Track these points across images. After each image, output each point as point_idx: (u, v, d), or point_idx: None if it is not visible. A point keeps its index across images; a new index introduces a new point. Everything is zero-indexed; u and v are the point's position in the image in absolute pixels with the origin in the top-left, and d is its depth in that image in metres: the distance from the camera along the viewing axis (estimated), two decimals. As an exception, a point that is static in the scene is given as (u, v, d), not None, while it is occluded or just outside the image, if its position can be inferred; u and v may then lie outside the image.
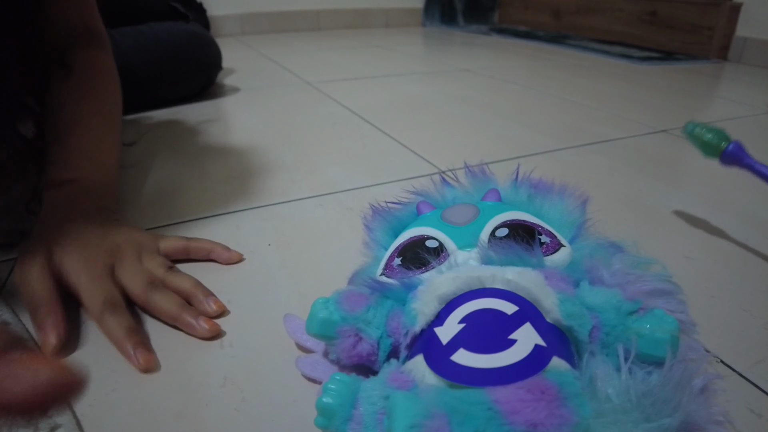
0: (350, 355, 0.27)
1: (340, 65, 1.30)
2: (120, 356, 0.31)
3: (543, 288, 0.25)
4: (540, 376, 0.20)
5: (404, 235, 0.33)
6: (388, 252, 0.33)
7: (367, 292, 0.29)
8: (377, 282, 0.30)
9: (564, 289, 0.26)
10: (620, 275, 0.28)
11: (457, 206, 0.34)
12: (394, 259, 0.31)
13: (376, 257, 0.35)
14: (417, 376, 0.23)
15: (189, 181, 0.57)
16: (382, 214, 0.38)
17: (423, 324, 0.25)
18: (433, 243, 0.31)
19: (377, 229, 0.37)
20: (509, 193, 0.37)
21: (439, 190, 0.40)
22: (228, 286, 0.38)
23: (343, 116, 0.83)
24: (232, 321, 0.35)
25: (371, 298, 0.29)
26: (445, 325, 0.24)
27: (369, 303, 0.28)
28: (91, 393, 0.29)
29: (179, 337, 0.33)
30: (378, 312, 0.28)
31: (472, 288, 0.26)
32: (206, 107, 0.90)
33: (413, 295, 0.27)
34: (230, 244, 0.43)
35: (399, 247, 0.32)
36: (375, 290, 0.29)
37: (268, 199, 0.53)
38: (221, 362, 0.31)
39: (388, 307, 0.28)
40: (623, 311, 0.25)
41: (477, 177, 0.40)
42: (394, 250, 0.32)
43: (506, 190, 0.38)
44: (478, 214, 0.32)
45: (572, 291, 0.26)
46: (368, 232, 0.38)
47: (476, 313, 0.24)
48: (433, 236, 0.31)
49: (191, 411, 0.28)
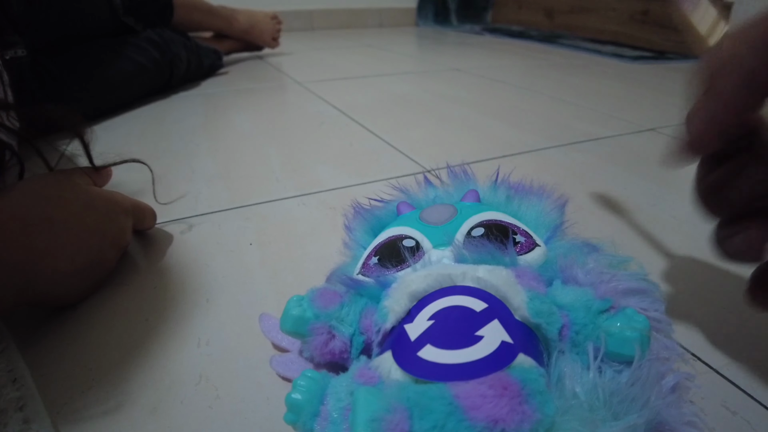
0: (323, 353, 0.27)
1: (331, 65, 1.31)
2: (96, 354, 0.32)
3: (512, 286, 0.25)
4: (504, 373, 0.20)
5: (383, 234, 0.33)
6: (366, 251, 0.33)
7: (341, 289, 0.29)
8: (351, 280, 0.30)
9: (535, 287, 0.26)
10: (594, 274, 0.28)
11: (435, 206, 0.34)
12: (371, 258, 0.31)
13: (356, 256, 0.35)
14: (383, 372, 0.23)
15: (172, 181, 0.57)
16: (362, 214, 0.38)
17: (393, 321, 0.25)
18: (410, 242, 0.31)
19: (357, 229, 0.37)
20: (488, 193, 0.38)
21: (420, 190, 0.41)
22: (206, 285, 0.38)
23: (332, 116, 0.84)
24: (210, 319, 0.35)
25: (345, 295, 0.29)
26: (414, 321, 0.24)
27: (343, 301, 0.28)
28: (66, 391, 0.29)
29: (155, 334, 0.33)
30: (351, 310, 0.28)
31: (443, 285, 0.26)
32: (194, 106, 0.90)
33: (386, 292, 0.27)
34: (211, 243, 0.44)
35: (377, 246, 0.32)
36: (349, 288, 0.29)
37: (252, 199, 0.53)
38: (197, 360, 0.31)
39: (362, 304, 0.28)
40: (594, 310, 0.25)
41: (458, 177, 0.41)
42: (372, 249, 0.32)
43: (485, 190, 0.38)
44: (456, 214, 0.32)
45: (543, 289, 0.26)
46: (348, 233, 0.38)
47: (445, 310, 0.24)
48: (410, 236, 0.32)
49: (165, 408, 0.28)
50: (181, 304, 0.36)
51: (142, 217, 0.43)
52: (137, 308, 0.36)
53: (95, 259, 0.36)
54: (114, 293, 0.37)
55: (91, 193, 0.37)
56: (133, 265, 0.41)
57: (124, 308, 0.36)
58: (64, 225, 0.33)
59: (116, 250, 0.38)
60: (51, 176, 0.36)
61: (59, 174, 0.37)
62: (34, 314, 0.35)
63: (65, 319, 0.35)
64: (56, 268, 0.33)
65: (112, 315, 0.35)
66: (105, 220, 0.37)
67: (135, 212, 0.42)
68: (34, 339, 0.33)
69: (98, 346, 0.32)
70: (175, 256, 0.42)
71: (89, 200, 0.36)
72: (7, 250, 0.30)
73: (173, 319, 0.35)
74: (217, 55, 1.18)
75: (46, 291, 0.33)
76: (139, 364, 0.31)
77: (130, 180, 0.54)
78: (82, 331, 0.34)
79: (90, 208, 0.36)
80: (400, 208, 0.37)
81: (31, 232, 0.31)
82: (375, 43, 1.71)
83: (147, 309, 0.36)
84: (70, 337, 0.33)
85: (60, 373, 0.30)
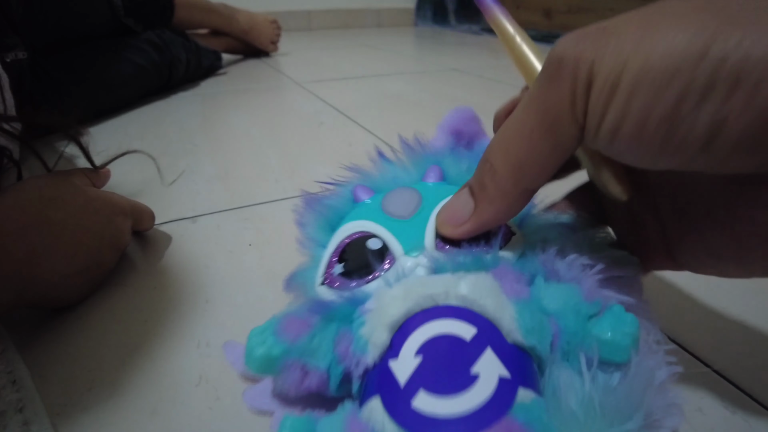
0: (298, 390, 0.24)
1: (329, 65, 1.31)
2: (96, 355, 0.31)
3: (500, 303, 0.23)
4: (508, 418, 0.19)
5: (342, 230, 0.29)
6: (327, 253, 0.29)
7: (307, 316, 0.25)
8: (317, 304, 0.25)
9: (519, 292, 0.23)
10: (576, 267, 0.25)
11: (396, 193, 0.30)
12: (334, 266, 0.27)
13: (315, 258, 0.30)
14: (376, 426, 0.21)
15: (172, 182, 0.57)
16: (314, 206, 0.33)
17: (375, 356, 0.22)
18: (376, 243, 0.27)
19: (311, 225, 0.32)
20: (450, 165, 0.33)
21: (377, 168, 0.35)
22: (205, 286, 0.38)
23: (330, 116, 0.84)
24: (209, 320, 0.35)
25: (313, 321, 0.25)
26: (400, 357, 0.21)
27: (311, 329, 0.24)
28: (66, 393, 0.29)
29: (154, 335, 0.33)
30: (323, 338, 0.24)
31: (424, 308, 0.23)
32: (192, 107, 0.90)
33: (360, 312, 0.24)
34: (210, 244, 0.44)
35: (338, 248, 0.28)
36: (316, 313, 0.25)
37: (251, 199, 0.53)
38: (197, 361, 0.31)
39: (333, 329, 0.24)
40: (583, 314, 0.23)
41: (414, 152, 0.35)
42: (333, 252, 0.28)
43: (446, 162, 0.33)
44: (421, 203, 0.29)
45: (527, 292, 0.24)
46: (301, 229, 0.32)
47: (433, 341, 0.22)
48: (374, 233, 0.28)
49: (165, 409, 0.28)
50: (181, 305, 0.36)
51: (141, 218, 0.43)
52: (136, 309, 0.36)
53: (93, 260, 0.36)
54: (113, 294, 0.37)
55: (89, 195, 0.37)
56: (132, 266, 0.41)
57: (124, 309, 0.36)
58: (62, 226, 0.33)
59: (115, 252, 0.38)
60: (49, 177, 0.36)
61: (57, 175, 0.37)
62: (34, 316, 0.35)
63: (64, 321, 0.35)
64: (54, 269, 0.33)
65: (111, 316, 0.35)
66: (103, 221, 0.37)
67: (133, 213, 0.42)
68: (33, 340, 0.33)
69: (98, 348, 0.32)
70: (174, 257, 0.42)
71: (87, 201, 0.36)
72: (4, 252, 0.30)
73: (172, 320, 0.35)
74: (216, 55, 1.18)
75: (45, 292, 0.33)
76: (138, 365, 0.31)
77: (128, 181, 0.54)
78: (82, 333, 0.34)
79: (88, 209, 0.36)
80: (357, 193, 0.32)
81: (28, 233, 0.31)
82: (373, 43, 1.71)
83: (146, 310, 0.36)
84: (70, 338, 0.33)
85: (59, 375, 0.30)
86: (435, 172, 0.32)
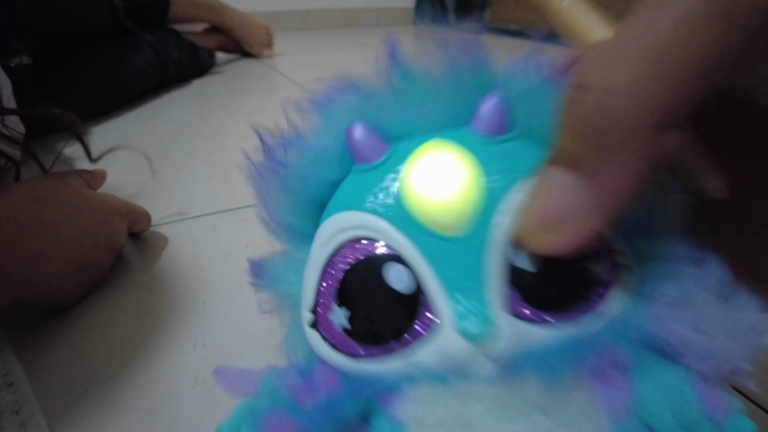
0: None
1: (327, 65, 1.31)
2: (92, 357, 0.32)
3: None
4: None
5: (335, 227, 0.17)
6: (312, 268, 0.17)
7: (297, 419, 0.15)
8: (315, 410, 0.15)
9: (620, 405, 0.15)
10: (701, 339, 0.15)
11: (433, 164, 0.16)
12: (329, 305, 0.16)
13: (289, 255, 0.19)
14: None
15: (169, 182, 0.57)
16: (277, 165, 0.18)
17: None
18: (400, 278, 0.16)
19: (275, 201, 0.18)
20: (522, 97, 0.17)
21: (392, 86, 0.18)
22: (202, 287, 0.38)
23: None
24: (205, 322, 0.35)
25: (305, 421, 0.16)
26: None
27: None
28: (62, 394, 0.29)
29: (151, 337, 0.33)
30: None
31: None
32: (189, 107, 0.90)
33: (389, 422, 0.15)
34: (207, 245, 0.44)
35: (334, 276, 0.16)
36: (314, 420, 0.15)
37: (247, 200, 0.53)
38: (193, 362, 0.31)
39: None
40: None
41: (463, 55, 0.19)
42: (324, 276, 0.17)
43: (513, 86, 0.18)
44: (477, 188, 0.16)
45: (630, 398, 0.15)
46: (260, 202, 0.19)
47: None
48: (393, 248, 0.16)
49: (162, 411, 0.28)
50: (177, 306, 0.36)
51: (137, 220, 0.43)
52: (133, 311, 0.36)
53: (89, 261, 0.36)
54: (110, 296, 0.37)
55: (84, 196, 0.37)
56: (129, 267, 0.41)
57: (120, 311, 0.36)
58: (58, 227, 0.33)
59: (110, 253, 0.38)
60: (44, 179, 0.36)
61: (53, 177, 0.37)
62: (30, 318, 0.35)
63: (61, 323, 0.35)
64: (50, 270, 0.33)
65: (107, 318, 0.35)
66: (99, 223, 0.37)
67: (129, 214, 0.42)
68: (30, 342, 0.33)
69: (94, 349, 0.32)
70: (171, 259, 0.42)
71: (83, 203, 0.36)
72: (0, 254, 0.30)
73: (169, 322, 0.35)
74: (210, 53, 1.18)
75: (40, 293, 0.33)
76: (135, 366, 0.31)
77: (125, 183, 0.54)
78: (78, 334, 0.34)
79: (84, 210, 0.36)
80: (355, 140, 0.17)
81: (24, 234, 0.31)
82: (372, 43, 1.71)
83: (143, 312, 0.36)
84: (67, 340, 0.33)
85: (56, 377, 0.30)
86: (494, 107, 0.17)
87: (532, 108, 0.17)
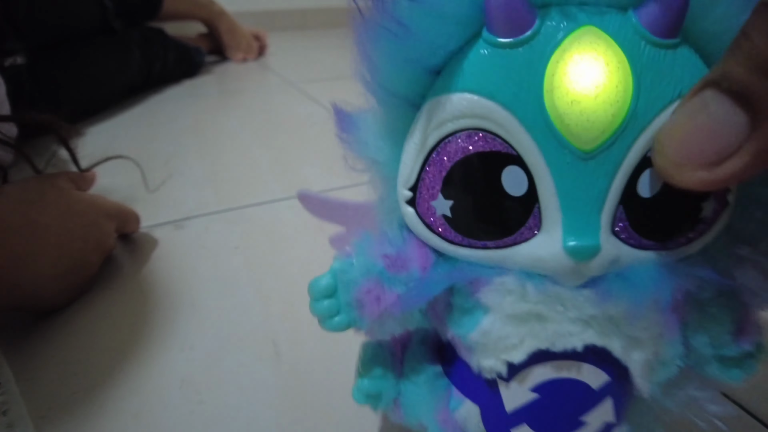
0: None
1: (323, 65, 1.31)
2: (81, 358, 0.32)
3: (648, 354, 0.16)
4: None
5: (456, 108, 0.14)
6: (419, 151, 0.15)
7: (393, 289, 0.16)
8: (409, 284, 0.16)
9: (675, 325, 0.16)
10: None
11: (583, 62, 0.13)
12: (435, 194, 0.15)
13: (386, 121, 0.17)
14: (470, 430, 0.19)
15: (160, 184, 0.58)
16: (391, 16, 0.14)
17: (487, 377, 0.17)
18: (516, 181, 0.14)
19: (384, 60, 0.15)
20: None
21: None
22: (191, 289, 0.39)
23: (323, 117, 0.84)
24: (194, 324, 0.35)
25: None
26: (511, 387, 0.17)
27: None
28: (51, 396, 0.29)
29: (139, 339, 0.34)
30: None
31: (556, 349, 0.16)
32: (183, 107, 0.90)
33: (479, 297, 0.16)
34: (197, 246, 0.44)
35: (446, 163, 0.15)
36: (409, 294, 0.16)
37: (239, 201, 0.53)
38: (180, 365, 0.32)
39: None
40: (723, 360, 0.17)
41: None
42: (432, 159, 0.15)
43: None
44: (630, 114, 0.13)
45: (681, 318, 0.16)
46: (362, 60, 0.15)
47: (556, 383, 0.17)
48: (519, 155, 0.14)
49: (148, 413, 0.28)
50: (166, 308, 0.37)
51: (126, 221, 0.44)
52: (122, 313, 0.36)
53: (78, 262, 0.36)
54: (99, 298, 0.38)
55: (73, 197, 0.37)
56: (119, 269, 0.41)
57: (109, 313, 0.36)
58: (47, 228, 0.34)
59: (99, 254, 0.39)
60: (33, 180, 0.37)
61: (42, 178, 0.38)
62: (19, 319, 0.36)
63: (51, 324, 0.35)
64: (38, 271, 0.33)
65: (97, 320, 0.36)
66: (88, 224, 0.37)
67: (118, 216, 0.42)
68: (18, 344, 0.33)
69: (83, 351, 0.33)
70: (161, 261, 0.43)
71: (71, 204, 0.36)
72: None
73: (157, 324, 0.35)
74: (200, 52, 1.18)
75: (29, 294, 0.33)
76: (122, 368, 0.31)
77: (115, 185, 0.54)
78: (67, 337, 0.34)
79: (72, 211, 0.36)
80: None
81: (12, 235, 0.32)
82: (368, 43, 1.71)
83: (132, 314, 0.36)
84: (55, 342, 0.33)
85: (44, 378, 0.31)
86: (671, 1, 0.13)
87: (712, 7, 0.13)
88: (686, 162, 0.12)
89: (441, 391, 0.20)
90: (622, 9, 0.14)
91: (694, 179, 0.12)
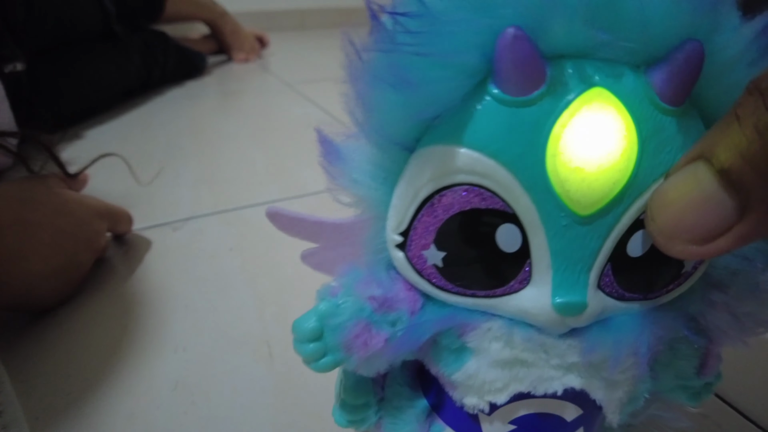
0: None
1: (321, 65, 1.31)
2: (75, 360, 0.32)
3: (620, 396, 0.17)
4: None
5: (457, 163, 0.14)
6: (413, 198, 0.15)
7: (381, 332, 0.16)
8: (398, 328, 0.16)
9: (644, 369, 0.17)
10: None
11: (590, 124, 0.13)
12: (427, 245, 0.15)
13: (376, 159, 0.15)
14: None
15: (156, 185, 0.58)
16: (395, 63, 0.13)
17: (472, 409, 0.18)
18: (511, 238, 0.14)
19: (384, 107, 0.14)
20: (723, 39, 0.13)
21: None
22: (185, 291, 0.39)
23: (319, 118, 0.84)
24: (187, 325, 0.35)
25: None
26: (492, 420, 0.18)
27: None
28: (45, 397, 0.30)
29: (133, 341, 0.34)
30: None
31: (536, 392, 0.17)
32: (180, 109, 0.90)
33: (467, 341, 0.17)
34: (192, 248, 0.44)
35: (441, 215, 0.15)
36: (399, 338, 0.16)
37: (234, 203, 0.53)
38: (174, 366, 0.32)
39: None
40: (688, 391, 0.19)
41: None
42: (431, 215, 0.15)
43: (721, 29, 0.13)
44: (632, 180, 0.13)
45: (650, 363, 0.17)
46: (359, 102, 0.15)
47: (533, 417, 0.18)
48: (516, 214, 0.14)
49: (142, 414, 0.29)
50: (160, 310, 0.37)
51: (118, 221, 0.44)
52: (116, 315, 0.36)
53: (69, 261, 0.36)
54: (93, 299, 0.38)
55: (64, 197, 0.37)
56: (113, 271, 0.42)
57: (103, 315, 0.36)
58: (37, 227, 0.34)
59: (91, 253, 0.39)
60: (25, 180, 0.37)
61: (33, 178, 0.38)
62: (13, 321, 0.36)
63: (45, 326, 0.35)
64: (29, 270, 0.33)
65: (91, 321, 0.36)
66: (78, 223, 0.37)
67: (110, 215, 0.42)
68: (13, 345, 0.33)
69: (77, 353, 0.33)
70: (155, 262, 0.43)
71: (62, 203, 0.37)
72: None
73: (151, 326, 0.35)
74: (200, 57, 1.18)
75: (20, 293, 0.33)
76: (116, 370, 0.32)
77: (109, 186, 0.54)
78: (61, 338, 0.34)
79: (63, 211, 0.36)
80: (509, 45, 0.12)
81: (3, 234, 0.32)
82: (366, 43, 1.71)
83: (125, 315, 0.36)
84: (50, 343, 0.34)
85: (39, 380, 0.31)
86: (685, 65, 0.13)
87: (727, 74, 0.13)
88: (678, 236, 0.13)
89: (422, 417, 0.20)
90: (636, 66, 0.13)
91: (685, 252, 0.13)
